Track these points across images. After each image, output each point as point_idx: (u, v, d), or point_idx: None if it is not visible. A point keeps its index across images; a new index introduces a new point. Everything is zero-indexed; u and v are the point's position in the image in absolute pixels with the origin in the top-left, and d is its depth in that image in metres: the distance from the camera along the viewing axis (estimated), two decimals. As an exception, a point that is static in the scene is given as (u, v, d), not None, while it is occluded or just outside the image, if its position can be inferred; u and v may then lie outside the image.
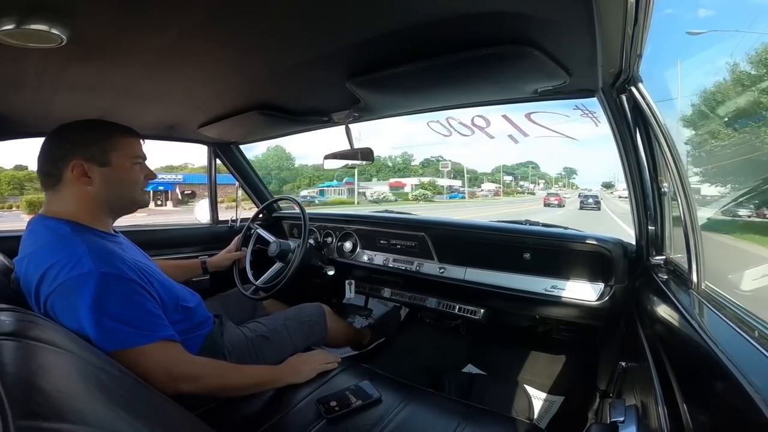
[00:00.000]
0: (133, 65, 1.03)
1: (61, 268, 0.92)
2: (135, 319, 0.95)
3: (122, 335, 0.92)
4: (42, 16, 0.74)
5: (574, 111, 1.29)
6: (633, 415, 0.77)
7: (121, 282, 0.97)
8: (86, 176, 1.04)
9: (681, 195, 0.97)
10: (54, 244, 0.97)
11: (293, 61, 1.06)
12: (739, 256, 3.25)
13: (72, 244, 0.96)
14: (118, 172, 1.08)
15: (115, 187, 1.09)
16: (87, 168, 1.03)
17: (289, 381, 1.20)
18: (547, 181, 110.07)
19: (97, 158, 1.05)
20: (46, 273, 0.92)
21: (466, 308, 1.74)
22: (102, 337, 0.89)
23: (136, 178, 1.13)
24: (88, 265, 0.92)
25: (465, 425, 1.06)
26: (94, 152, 1.04)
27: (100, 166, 1.05)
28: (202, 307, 1.30)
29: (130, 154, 1.11)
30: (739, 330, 0.64)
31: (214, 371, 1.09)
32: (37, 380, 0.40)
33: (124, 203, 1.13)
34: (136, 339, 0.94)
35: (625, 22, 0.78)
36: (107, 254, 0.99)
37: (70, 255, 0.94)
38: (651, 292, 1.08)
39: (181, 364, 1.02)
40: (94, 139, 1.05)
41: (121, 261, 1.00)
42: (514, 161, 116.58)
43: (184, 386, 0.99)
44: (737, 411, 0.46)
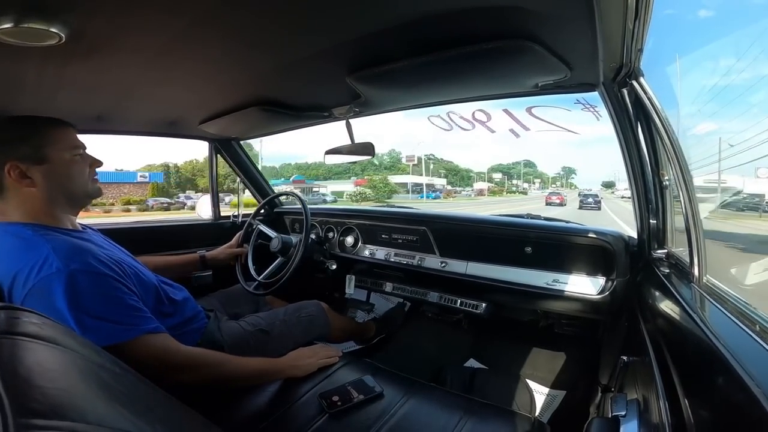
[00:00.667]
0: (133, 62, 1.03)
1: (29, 272, 0.89)
2: (115, 314, 0.93)
3: (104, 332, 0.90)
4: (41, 14, 0.74)
5: (575, 105, 1.29)
6: (635, 409, 0.77)
7: (94, 277, 0.94)
8: (26, 177, 0.98)
9: (683, 188, 0.97)
10: (18, 247, 0.94)
11: (294, 57, 1.05)
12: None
13: (36, 245, 0.93)
14: (59, 167, 1.02)
15: (62, 183, 1.03)
16: (25, 169, 0.98)
17: (290, 374, 1.20)
18: (543, 180, 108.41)
19: (31, 157, 0.99)
20: (15, 278, 0.90)
21: (468, 302, 1.74)
22: (83, 335, 0.86)
23: (80, 169, 1.07)
24: (55, 264, 0.90)
25: (467, 419, 1.06)
26: (26, 151, 0.99)
27: (39, 164, 0.99)
28: (191, 301, 1.29)
29: (67, 146, 1.05)
30: (740, 324, 0.64)
31: (213, 361, 1.08)
32: (37, 378, 0.40)
33: (75, 197, 1.08)
34: (119, 334, 0.92)
35: (626, 16, 0.77)
36: (74, 251, 0.96)
37: (36, 256, 0.91)
38: (652, 286, 1.08)
39: (176, 354, 1.01)
40: (22, 138, 0.99)
41: (90, 256, 0.97)
42: (510, 160, 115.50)
43: (184, 376, 0.99)
44: (738, 405, 0.46)
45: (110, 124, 1.64)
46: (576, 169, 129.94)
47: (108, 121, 1.59)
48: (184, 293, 1.29)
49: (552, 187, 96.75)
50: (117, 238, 1.24)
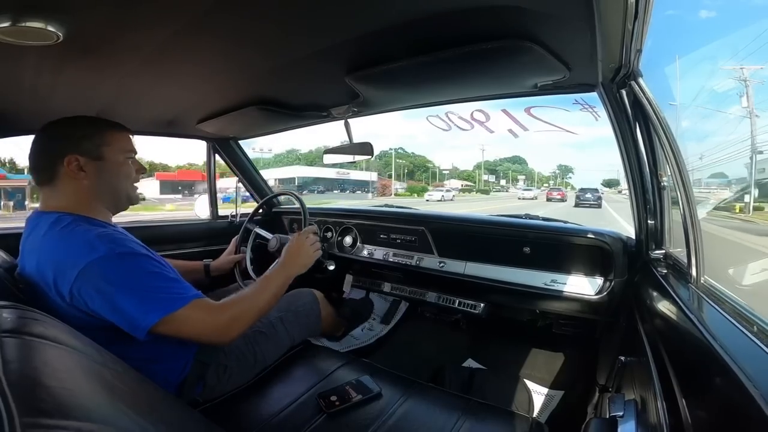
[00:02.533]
0: (131, 61, 1.03)
1: (76, 257, 0.92)
2: (164, 287, 0.98)
3: (162, 302, 0.95)
4: (38, 13, 0.74)
5: (574, 105, 1.29)
6: (632, 409, 0.77)
7: (138, 257, 0.99)
8: (81, 170, 1.05)
9: (681, 189, 0.97)
10: (61, 235, 0.98)
11: (292, 57, 1.05)
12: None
13: (78, 232, 0.98)
14: (111, 166, 1.09)
15: (110, 181, 1.10)
16: (82, 162, 1.04)
17: (297, 272, 1.26)
18: (528, 177, 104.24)
19: (90, 152, 1.06)
20: (60, 265, 0.93)
21: (466, 302, 1.74)
22: (145, 308, 0.92)
23: (128, 172, 1.14)
24: (102, 249, 0.94)
25: (465, 419, 1.06)
26: (88, 146, 1.05)
27: (94, 161, 1.06)
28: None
29: (122, 149, 1.12)
30: (738, 325, 0.64)
31: (244, 305, 1.11)
32: (41, 377, 0.40)
33: (118, 197, 1.14)
34: (174, 303, 0.96)
35: (626, 16, 0.77)
36: (115, 237, 1.00)
37: (82, 242, 0.95)
38: (650, 286, 1.08)
39: (220, 313, 1.04)
40: (86, 134, 1.06)
41: (130, 241, 1.02)
42: (499, 156, 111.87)
43: (233, 330, 1.04)
44: (735, 405, 0.46)
45: None
46: (573, 167, 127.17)
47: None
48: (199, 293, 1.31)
49: (544, 186, 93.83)
50: None
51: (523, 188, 53.55)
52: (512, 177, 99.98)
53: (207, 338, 1.01)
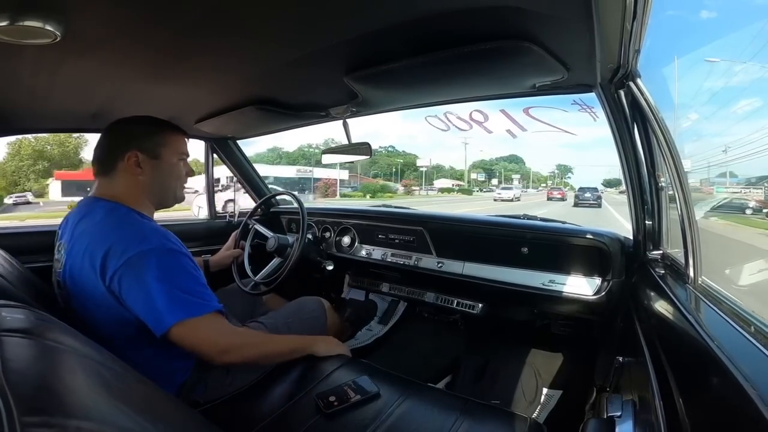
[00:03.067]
0: (129, 61, 1.03)
1: (128, 244, 0.97)
2: (196, 291, 1.02)
3: (189, 305, 0.99)
4: (36, 12, 0.74)
5: (572, 106, 1.29)
6: (630, 409, 0.77)
7: (182, 256, 1.04)
8: (139, 167, 1.12)
9: (678, 190, 0.98)
10: (115, 222, 1.04)
11: (291, 56, 1.05)
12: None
13: (134, 221, 1.06)
14: (166, 166, 1.17)
15: (162, 180, 1.17)
16: (141, 159, 1.12)
17: (316, 350, 1.27)
18: (524, 177, 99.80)
19: (150, 151, 1.13)
20: (111, 248, 0.97)
21: (465, 303, 1.74)
22: (171, 307, 0.96)
23: (180, 173, 1.21)
24: (154, 241, 1.00)
25: (463, 419, 1.06)
26: (149, 145, 1.13)
27: (152, 159, 1.14)
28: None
29: (177, 150, 1.20)
30: (735, 325, 0.64)
31: (254, 341, 1.18)
32: (41, 376, 0.40)
33: (167, 195, 1.21)
34: (199, 309, 1.01)
35: (624, 17, 0.77)
36: (166, 233, 1.05)
37: (135, 231, 1.02)
38: (648, 286, 1.08)
39: (227, 335, 1.08)
40: (149, 133, 1.15)
41: (175, 238, 1.07)
42: (495, 156, 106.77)
43: (229, 357, 1.07)
44: (733, 405, 0.46)
45: (105, 122, 1.62)
46: (572, 167, 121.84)
47: (103, 119, 1.57)
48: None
49: (542, 186, 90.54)
50: None
51: (501, 187, 49.29)
52: (506, 176, 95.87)
53: (206, 351, 1.03)
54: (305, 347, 1.26)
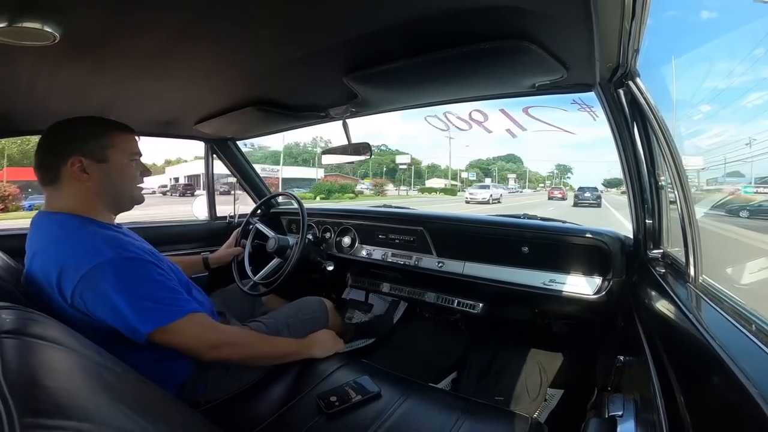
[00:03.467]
0: (128, 62, 1.03)
1: (80, 260, 0.94)
2: (165, 298, 1.00)
3: (160, 313, 0.97)
4: (35, 13, 0.74)
5: (572, 105, 1.29)
6: (631, 409, 0.77)
7: (142, 264, 1.01)
8: (84, 172, 1.04)
9: (678, 188, 0.98)
10: (66, 237, 0.99)
11: (290, 57, 1.05)
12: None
13: (84, 234, 1.00)
14: (115, 169, 1.09)
15: (113, 184, 1.10)
16: (85, 164, 1.04)
17: (314, 354, 1.26)
18: (519, 176, 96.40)
19: (95, 154, 1.06)
20: (64, 266, 0.94)
21: (465, 302, 1.74)
22: (143, 317, 0.94)
23: (133, 174, 1.14)
24: (107, 253, 0.96)
25: (464, 419, 1.06)
26: (93, 148, 1.05)
27: (98, 163, 1.06)
28: (209, 302, 1.32)
29: (127, 151, 1.12)
30: (736, 324, 0.64)
31: (248, 339, 1.19)
32: (41, 378, 0.40)
33: (121, 199, 1.14)
34: (171, 315, 0.99)
35: (623, 16, 0.78)
36: (120, 241, 1.02)
37: (86, 245, 0.97)
38: (649, 285, 1.08)
39: (217, 331, 1.09)
40: (92, 136, 1.06)
41: (134, 246, 1.03)
42: (492, 155, 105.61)
43: (223, 352, 1.07)
44: (735, 404, 0.46)
45: None
46: (572, 167, 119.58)
47: None
48: (203, 293, 1.33)
49: (540, 187, 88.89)
50: None
51: (478, 186, 44.68)
52: (500, 176, 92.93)
53: (194, 351, 1.04)
54: (300, 352, 1.25)
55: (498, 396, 1.66)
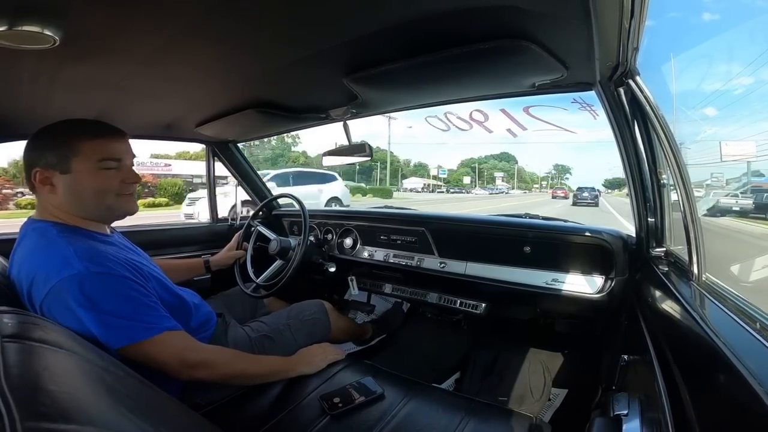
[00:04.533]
0: (128, 65, 1.03)
1: (49, 272, 0.90)
2: (136, 314, 0.95)
3: (127, 330, 0.93)
4: (34, 17, 0.74)
5: (572, 104, 1.29)
6: (636, 407, 0.77)
7: (113, 279, 0.95)
8: (50, 184, 1.00)
9: (680, 186, 0.97)
10: (40, 247, 0.96)
11: (290, 59, 1.05)
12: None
13: (58, 245, 0.95)
14: (80, 179, 1.00)
15: (81, 196, 1.02)
16: (49, 176, 0.99)
17: (301, 371, 1.22)
18: (507, 175, 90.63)
19: (57, 166, 0.99)
20: (35, 277, 0.91)
21: (468, 303, 1.74)
22: (108, 334, 0.90)
23: (104, 184, 1.03)
24: (76, 266, 0.91)
25: (468, 420, 1.06)
26: (52, 160, 0.99)
27: (62, 174, 0.99)
28: (205, 306, 1.30)
29: (96, 158, 1.01)
30: (740, 322, 0.64)
31: (227, 358, 1.11)
32: (43, 382, 0.40)
33: (96, 211, 1.05)
34: (141, 333, 0.94)
35: (622, 15, 0.77)
36: (94, 253, 0.97)
37: (57, 257, 0.92)
38: (652, 284, 1.08)
39: (194, 351, 1.04)
40: (51, 146, 0.99)
41: (109, 259, 0.98)
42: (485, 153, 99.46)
43: (200, 373, 1.02)
44: (740, 402, 0.46)
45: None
46: (571, 168, 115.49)
47: None
48: (197, 297, 1.30)
49: (535, 188, 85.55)
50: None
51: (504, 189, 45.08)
52: (488, 176, 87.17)
53: (170, 370, 0.98)
54: (287, 370, 1.21)
55: (501, 396, 1.66)
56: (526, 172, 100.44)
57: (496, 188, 68.89)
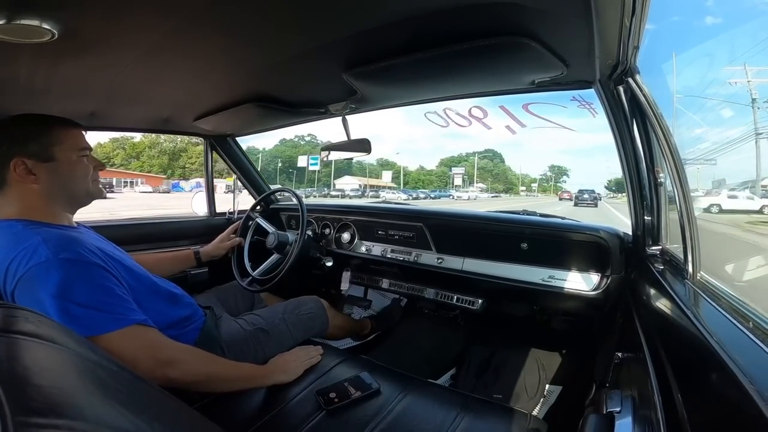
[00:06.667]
0: (126, 59, 1.02)
1: (19, 262, 0.90)
2: (105, 304, 0.93)
3: (92, 321, 0.90)
4: (33, 10, 0.74)
5: (571, 102, 1.29)
6: (629, 405, 0.77)
7: (84, 266, 0.94)
8: (31, 174, 1.00)
9: (677, 185, 0.97)
10: (9, 242, 0.95)
11: (289, 53, 1.05)
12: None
13: (26, 236, 0.94)
14: (65, 167, 1.04)
15: (65, 182, 1.05)
16: (30, 165, 1.00)
17: (278, 380, 1.18)
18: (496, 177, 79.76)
19: (38, 154, 1.00)
20: (7, 270, 0.91)
21: (465, 298, 1.74)
22: (70, 325, 0.86)
23: (85, 170, 1.09)
24: (45, 254, 0.90)
25: (464, 415, 1.07)
26: (34, 148, 1.00)
27: (44, 162, 1.01)
28: (186, 298, 1.28)
29: (74, 147, 1.07)
30: (733, 320, 0.64)
31: (199, 357, 1.07)
32: (34, 376, 0.40)
33: (77, 197, 1.10)
34: (108, 324, 0.92)
35: (623, 13, 0.77)
36: (65, 241, 0.96)
37: (26, 247, 0.92)
38: (647, 282, 1.08)
39: (165, 348, 1.00)
40: (32, 135, 1.01)
41: (80, 246, 0.97)
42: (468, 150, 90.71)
43: (171, 371, 0.98)
44: (731, 401, 0.47)
45: (104, 120, 1.63)
46: (568, 169, 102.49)
47: (101, 117, 1.58)
48: (177, 290, 1.28)
49: (524, 192, 77.30)
50: (109, 235, 1.23)
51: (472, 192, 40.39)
52: (466, 179, 73.65)
53: (140, 367, 0.90)
54: (263, 376, 1.17)
55: (497, 392, 1.67)
56: (513, 173, 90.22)
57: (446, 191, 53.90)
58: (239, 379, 1.13)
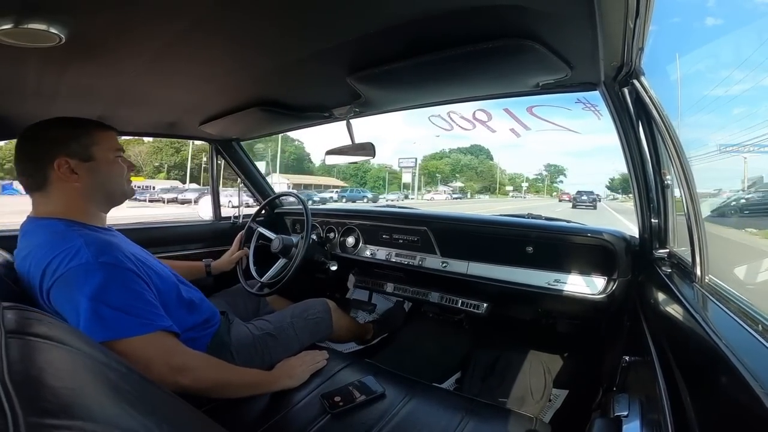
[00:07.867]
0: (133, 63, 1.03)
1: (60, 261, 0.93)
2: (135, 308, 0.96)
3: (120, 324, 0.93)
4: (40, 15, 0.74)
5: (576, 104, 1.29)
6: (637, 409, 0.77)
7: (120, 271, 0.98)
8: (73, 173, 1.04)
9: (684, 187, 0.97)
10: (51, 240, 0.98)
11: (294, 58, 1.05)
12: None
13: (69, 237, 0.98)
14: (103, 166, 1.09)
15: (104, 182, 1.10)
16: (73, 165, 1.04)
17: (284, 385, 1.19)
18: (479, 175, 75.19)
19: (79, 154, 1.05)
20: (47, 268, 0.94)
21: (469, 302, 1.74)
22: (96, 325, 0.89)
23: (120, 170, 1.14)
24: (86, 256, 0.94)
25: (469, 419, 1.06)
26: (76, 148, 1.05)
27: (85, 162, 1.06)
28: (206, 302, 1.30)
29: (111, 147, 1.12)
30: (743, 324, 0.64)
31: (210, 365, 1.08)
32: (46, 378, 0.40)
33: (113, 196, 1.15)
34: (135, 328, 0.94)
35: (627, 15, 0.77)
36: (104, 245, 1.00)
37: (68, 248, 0.95)
38: (654, 285, 1.08)
39: (180, 354, 1.02)
40: (73, 136, 1.06)
41: (118, 251, 1.01)
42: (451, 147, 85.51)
43: (182, 378, 0.99)
44: (741, 405, 0.46)
45: (110, 124, 1.64)
46: (566, 168, 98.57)
47: (108, 121, 1.57)
48: (199, 294, 1.31)
49: (513, 193, 74.27)
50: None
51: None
52: (430, 176, 67.46)
53: (155, 373, 0.92)
54: (270, 382, 1.18)
55: (502, 396, 1.66)
56: (502, 170, 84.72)
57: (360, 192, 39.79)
58: (247, 386, 1.14)
